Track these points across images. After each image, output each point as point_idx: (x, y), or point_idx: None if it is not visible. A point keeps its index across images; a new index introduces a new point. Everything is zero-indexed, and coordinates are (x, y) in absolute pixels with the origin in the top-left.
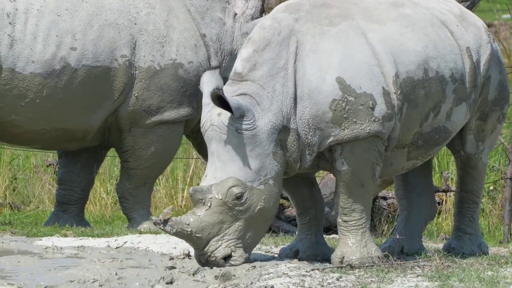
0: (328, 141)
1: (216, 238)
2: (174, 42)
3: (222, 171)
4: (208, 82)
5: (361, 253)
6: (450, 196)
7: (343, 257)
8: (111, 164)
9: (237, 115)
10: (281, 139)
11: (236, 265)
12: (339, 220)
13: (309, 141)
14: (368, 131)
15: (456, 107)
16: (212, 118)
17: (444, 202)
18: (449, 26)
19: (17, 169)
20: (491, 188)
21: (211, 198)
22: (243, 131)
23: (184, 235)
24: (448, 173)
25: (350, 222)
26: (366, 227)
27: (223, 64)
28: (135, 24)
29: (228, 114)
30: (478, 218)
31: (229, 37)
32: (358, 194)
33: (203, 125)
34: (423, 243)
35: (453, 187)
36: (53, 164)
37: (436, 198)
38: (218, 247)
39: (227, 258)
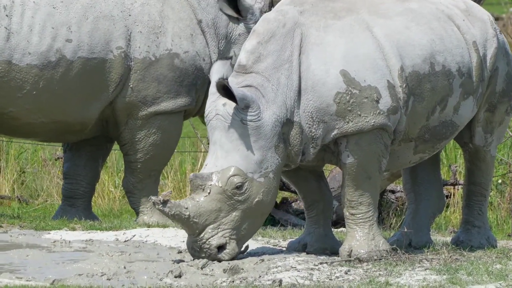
0: (333, 134)
1: (212, 225)
2: (169, 33)
3: (224, 159)
4: (217, 72)
5: (368, 246)
6: (458, 190)
7: (351, 251)
8: (119, 157)
9: (242, 106)
10: (284, 133)
11: (226, 259)
12: (346, 213)
13: (313, 134)
14: (372, 123)
15: (463, 101)
16: (218, 107)
17: (452, 195)
18: (455, 20)
19: (26, 163)
20: (500, 181)
21: (211, 185)
22: (248, 122)
23: (182, 219)
24: (456, 167)
25: (357, 215)
26: (373, 220)
27: (220, 48)
28: (130, 15)
29: (233, 104)
30: (486, 211)
31: (225, 21)
32: (365, 186)
33: (207, 114)
34: (431, 237)
35: (462, 181)
36: (62, 158)
37: (445, 192)
38: (214, 235)
39: (220, 248)
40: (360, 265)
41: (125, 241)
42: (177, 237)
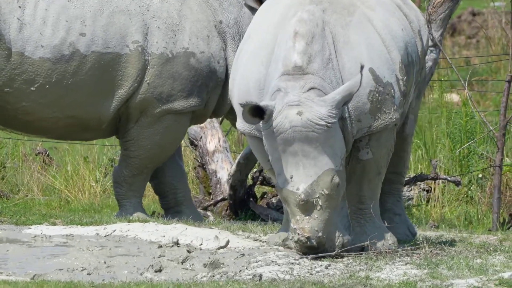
0: (363, 132)
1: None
2: (186, 31)
3: (314, 167)
4: None
5: (379, 239)
6: (439, 184)
7: (364, 246)
8: (99, 152)
9: (340, 106)
10: (340, 127)
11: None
12: (353, 208)
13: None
14: (394, 120)
15: (410, 91)
16: (292, 119)
17: (433, 190)
18: (403, 9)
19: (6, 158)
20: (480, 176)
21: (317, 196)
22: (332, 124)
23: (321, 242)
24: (436, 161)
25: (366, 210)
26: (378, 213)
27: None
28: (148, 10)
29: (312, 111)
30: (402, 199)
31: (247, 19)
32: (376, 182)
33: (277, 127)
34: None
35: (442, 175)
36: (42, 153)
37: (425, 186)
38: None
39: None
40: (341, 259)
41: (105, 235)
42: (157, 231)
